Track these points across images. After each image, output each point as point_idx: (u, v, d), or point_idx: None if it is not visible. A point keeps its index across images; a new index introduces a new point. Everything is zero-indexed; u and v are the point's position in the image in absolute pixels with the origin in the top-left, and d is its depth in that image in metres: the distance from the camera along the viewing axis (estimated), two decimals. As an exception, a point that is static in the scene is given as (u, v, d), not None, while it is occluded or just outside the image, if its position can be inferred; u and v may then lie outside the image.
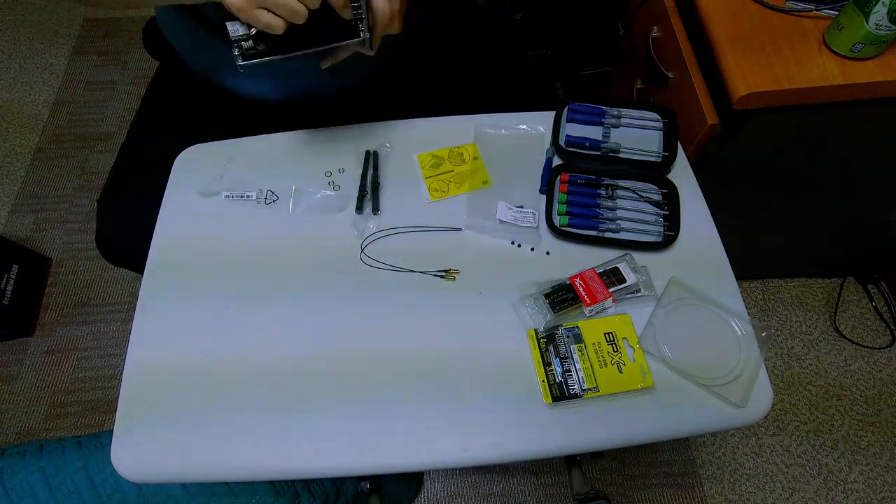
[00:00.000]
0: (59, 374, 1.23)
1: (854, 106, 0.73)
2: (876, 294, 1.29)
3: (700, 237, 0.61)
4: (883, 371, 1.21)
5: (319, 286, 0.59)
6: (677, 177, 0.65)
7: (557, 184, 0.64)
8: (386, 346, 0.55)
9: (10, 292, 1.23)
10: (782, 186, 0.93)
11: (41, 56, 1.73)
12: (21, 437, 1.16)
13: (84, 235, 1.41)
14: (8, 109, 1.62)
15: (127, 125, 1.60)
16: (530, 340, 0.55)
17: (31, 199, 1.47)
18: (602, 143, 0.66)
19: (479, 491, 1.09)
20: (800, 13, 0.74)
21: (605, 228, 0.61)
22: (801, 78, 0.69)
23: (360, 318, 0.57)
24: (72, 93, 1.65)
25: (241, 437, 0.51)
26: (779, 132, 0.79)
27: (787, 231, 1.09)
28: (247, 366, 0.54)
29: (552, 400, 0.51)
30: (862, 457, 1.12)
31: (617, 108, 0.68)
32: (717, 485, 1.10)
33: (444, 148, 0.68)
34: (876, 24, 0.64)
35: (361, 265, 0.60)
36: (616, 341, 0.55)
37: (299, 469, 0.51)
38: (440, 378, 0.53)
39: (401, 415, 0.51)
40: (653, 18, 0.92)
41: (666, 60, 0.88)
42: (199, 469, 0.50)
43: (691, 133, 0.80)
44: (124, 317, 1.30)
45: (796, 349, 1.24)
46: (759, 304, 1.30)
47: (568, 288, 0.56)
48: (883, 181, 0.94)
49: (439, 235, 0.62)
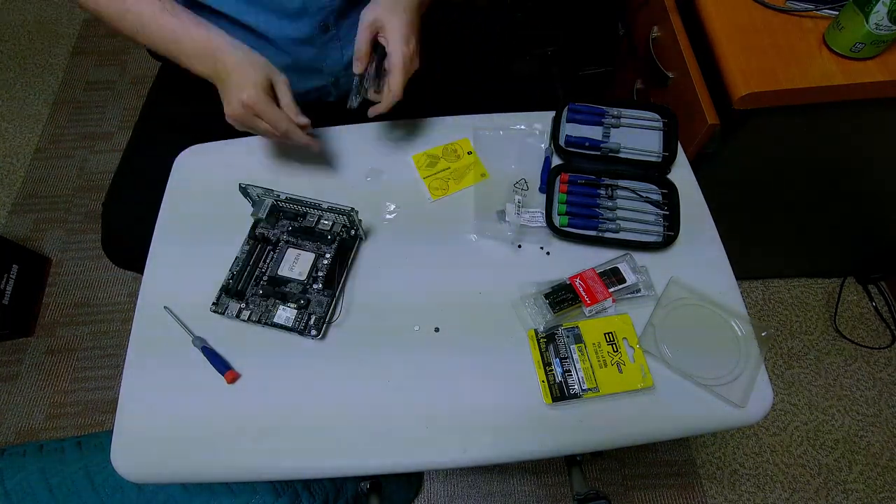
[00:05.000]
0: (59, 373, 1.23)
1: (854, 106, 0.73)
2: (876, 294, 1.29)
3: (700, 237, 0.61)
4: (883, 371, 1.21)
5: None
6: (677, 177, 0.64)
7: (557, 184, 0.64)
8: (385, 346, 0.55)
9: (10, 292, 1.23)
10: (782, 186, 0.93)
11: (41, 56, 1.73)
12: (21, 437, 1.16)
13: (84, 235, 1.41)
14: (8, 109, 1.62)
15: (127, 125, 1.61)
16: (530, 340, 0.55)
17: (31, 199, 1.47)
18: (602, 143, 0.66)
19: (479, 491, 1.09)
20: (800, 13, 0.74)
21: (605, 228, 0.61)
22: (802, 78, 0.69)
23: (360, 318, 0.57)
24: (72, 93, 1.65)
25: (241, 437, 0.51)
26: (779, 132, 0.79)
27: (787, 231, 1.09)
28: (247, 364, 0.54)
29: (552, 400, 0.51)
30: (862, 457, 1.12)
31: (617, 108, 0.68)
32: (717, 485, 1.10)
33: (437, 146, 0.68)
34: (876, 23, 0.64)
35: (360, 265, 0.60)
36: (616, 341, 0.55)
37: (299, 469, 0.51)
38: (440, 378, 0.53)
39: (401, 415, 0.51)
40: (653, 18, 0.92)
41: (666, 60, 0.88)
42: (199, 469, 0.50)
43: (691, 133, 0.80)
44: (124, 317, 1.30)
45: (796, 349, 1.24)
46: (759, 304, 1.30)
47: (568, 288, 0.56)
48: (883, 181, 0.94)
49: (440, 236, 0.62)
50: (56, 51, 1.73)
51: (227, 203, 0.64)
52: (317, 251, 0.59)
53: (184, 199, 0.65)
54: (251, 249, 0.59)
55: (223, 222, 0.63)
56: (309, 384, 0.53)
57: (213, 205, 0.64)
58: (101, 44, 1.76)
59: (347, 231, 0.60)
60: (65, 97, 1.64)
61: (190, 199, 0.65)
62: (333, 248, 0.59)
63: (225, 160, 0.68)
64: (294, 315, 0.55)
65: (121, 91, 1.66)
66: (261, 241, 0.60)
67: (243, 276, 0.57)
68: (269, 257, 0.59)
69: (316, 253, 0.59)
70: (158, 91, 0.83)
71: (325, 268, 0.58)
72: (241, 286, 0.57)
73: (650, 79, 0.96)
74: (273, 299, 0.56)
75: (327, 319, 0.55)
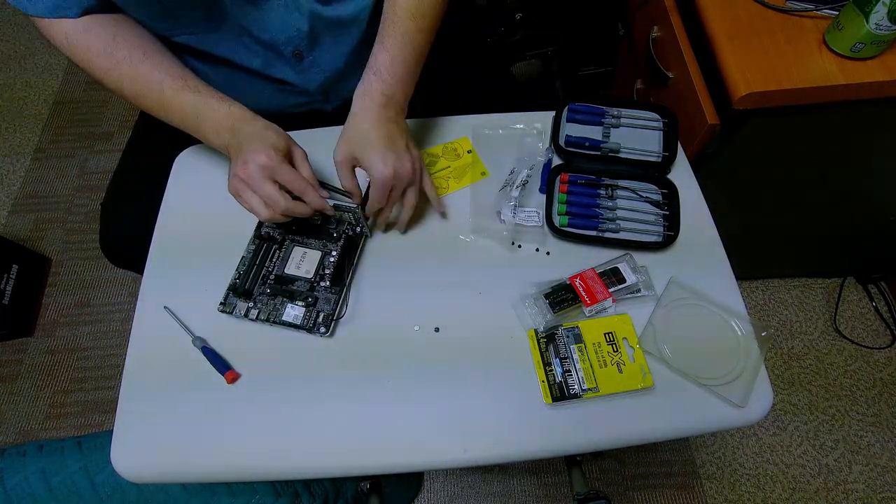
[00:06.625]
0: (59, 373, 1.23)
1: (854, 106, 0.73)
2: (876, 294, 1.29)
3: (700, 237, 0.61)
4: (883, 371, 1.21)
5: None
6: (677, 177, 0.64)
7: (557, 184, 0.64)
8: (385, 346, 0.55)
9: (10, 292, 1.23)
10: (782, 186, 0.93)
11: (41, 56, 1.73)
12: (21, 437, 1.16)
13: (84, 235, 1.41)
14: (8, 109, 1.62)
15: (127, 125, 1.61)
16: (530, 340, 0.55)
17: (31, 199, 1.47)
18: (602, 143, 0.66)
19: (479, 491, 1.09)
20: (800, 13, 0.74)
21: (605, 228, 0.61)
22: (802, 78, 0.69)
23: (360, 318, 0.57)
24: (72, 93, 1.65)
25: (241, 437, 0.51)
26: (779, 132, 0.79)
27: (787, 231, 1.09)
28: (247, 364, 0.54)
29: (552, 400, 0.51)
30: (862, 457, 1.12)
31: (617, 108, 0.68)
32: (717, 485, 1.10)
33: (437, 145, 0.68)
34: (876, 23, 0.64)
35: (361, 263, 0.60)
36: (616, 341, 0.55)
37: (299, 469, 0.51)
38: (440, 378, 0.53)
39: (401, 415, 0.51)
40: (653, 18, 0.92)
41: (666, 60, 0.88)
42: (199, 469, 0.50)
43: (691, 133, 0.80)
44: (124, 317, 1.30)
45: (796, 349, 1.24)
46: (759, 304, 1.30)
47: (568, 288, 0.56)
48: (883, 181, 0.94)
49: (440, 237, 0.62)
50: (56, 51, 1.73)
51: (227, 203, 0.64)
52: (323, 249, 0.59)
53: (184, 199, 0.65)
54: (257, 249, 0.59)
55: (223, 222, 0.63)
56: (308, 384, 0.53)
57: (213, 205, 0.64)
58: (101, 44, 1.76)
59: (353, 228, 0.61)
60: (65, 97, 1.64)
61: (190, 199, 0.65)
62: (339, 246, 0.59)
63: (225, 160, 0.68)
64: (302, 313, 0.55)
65: (121, 91, 1.66)
66: (266, 240, 0.60)
67: (250, 275, 0.57)
68: (275, 256, 0.59)
69: (322, 251, 0.59)
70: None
71: (331, 265, 0.58)
72: (248, 285, 0.57)
73: (650, 79, 0.96)
74: (281, 297, 0.56)
75: (335, 317, 0.55)
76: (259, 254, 0.59)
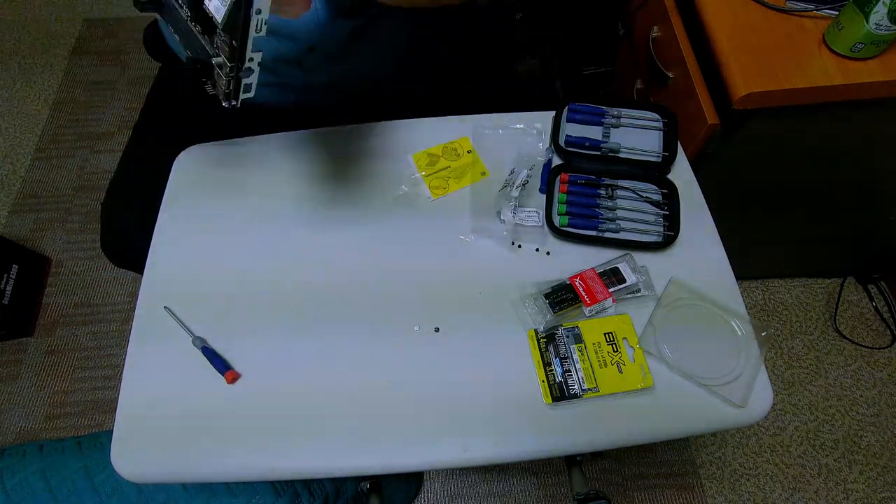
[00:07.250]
0: (59, 373, 1.23)
1: (854, 106, 0.73)
2: (876, 294, 1.29)
3: (700, 237, 0.61)
4: (883, 371, 1.21)
5: (319, 284, 0.59)
6: (677, 177, 0.64)
7: (557, 184, 0.64)
8: (385, 346, 0.55)
9: (10, 292, 1.23)
10: (782, 186, 0.93)
11: (41, 56, 1.73)
12: (21, 437, 1.16)
13: (84, 235, 1.41)
14: (8, 109, 1.62)
15: (127, 125, 1.61)
16: (530, 340, 0.55)
17: (31, 199, 1.47)
18: (602, 143, 0.66)
19: (479, 491, 1.09)
20: (800, 13, 0.74)
21: (605, 228, 0.61)
22: (802, 78, 0.69)
23: (359, 319, 0.57)
24: (72, 93, 1.65)
25: (241, 437, 0.51)
26: (779, 132, 0.79)
27: (787, 231, 1.09)
28: (247, 364, 0.54)
29: (552, 400, 0.51)
30: (862, 457, 1.12)
31: (617, 108, 0.68)
32: (717, 485, 1.10)
33: (437, 145, 0.68)
34: (876, 24, 0.64)
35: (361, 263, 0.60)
36: (616, 341, 0.55)
37: (299, 469, 0.51)
38: (440, 378, 0.53)
39: (401, 415, 0.51)
40: (653, 18, 0.92)
41: (666, 60, 0.88)
42: (199, 469, 0.50)
43: (691, 133, 0.80)
44: (124, 317, 1.30)
45: (796, 349, 1.24)
46: (759, 304, 1.30)
47: (568, 288, 0.56)
48: (883, 181, 0.94)
49: (440, 237, 0.62)
50: (56, 51, 1.73)
51: (227, 203, 0.64)
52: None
53: (184, 199, 0.65)
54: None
55: (223, 222, 0.63)
56: (309, 385, 0.53)
57: (212, 205, 0.64)
58: (101, 44, 1.76)
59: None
60: (65, 97, 1.64)
61: (190, 199, 0.65)
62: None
63: (225, 160, 0.68)
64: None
65: (121, 91, 1.66)
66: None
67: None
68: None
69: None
70: (158, 91, 0.83)
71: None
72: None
73: (650, 79, 0.96)
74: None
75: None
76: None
